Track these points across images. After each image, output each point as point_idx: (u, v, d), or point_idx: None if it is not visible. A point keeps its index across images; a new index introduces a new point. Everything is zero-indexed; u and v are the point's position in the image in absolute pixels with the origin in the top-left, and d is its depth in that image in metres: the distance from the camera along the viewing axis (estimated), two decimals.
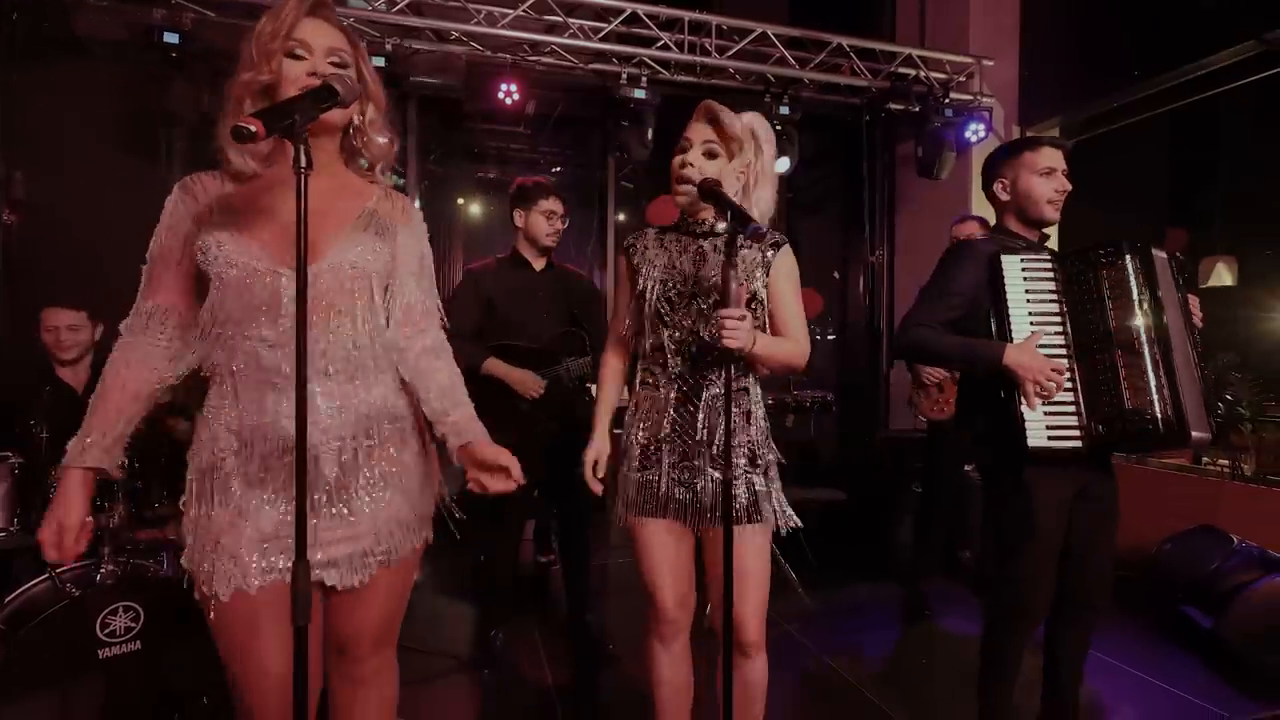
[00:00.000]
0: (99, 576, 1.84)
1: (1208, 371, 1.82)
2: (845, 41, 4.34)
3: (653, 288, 1.54)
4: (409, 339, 1.28)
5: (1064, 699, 1.95)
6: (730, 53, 4.14)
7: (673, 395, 1.52)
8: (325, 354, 1.17)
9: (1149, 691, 2.39)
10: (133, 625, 1.83)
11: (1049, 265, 1.79)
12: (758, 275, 1.54)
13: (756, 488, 1.52)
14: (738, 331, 1.33)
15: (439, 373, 1.30)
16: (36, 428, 1.92)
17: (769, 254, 1.55)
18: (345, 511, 1.20)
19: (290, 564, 1.05)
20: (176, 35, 3.24)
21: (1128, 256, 1.71)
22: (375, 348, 1.22)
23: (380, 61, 3.44)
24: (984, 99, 4.73)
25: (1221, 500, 3.22)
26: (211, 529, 1.16)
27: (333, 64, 1.18)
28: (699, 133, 1.51)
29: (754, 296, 1.53)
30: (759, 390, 1.59)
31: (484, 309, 2.47)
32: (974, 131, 4.63)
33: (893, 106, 4.67)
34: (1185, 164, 5.14)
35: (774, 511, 1.54)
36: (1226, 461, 3.40)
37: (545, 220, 2.50)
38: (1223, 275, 4.40)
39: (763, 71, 4.24)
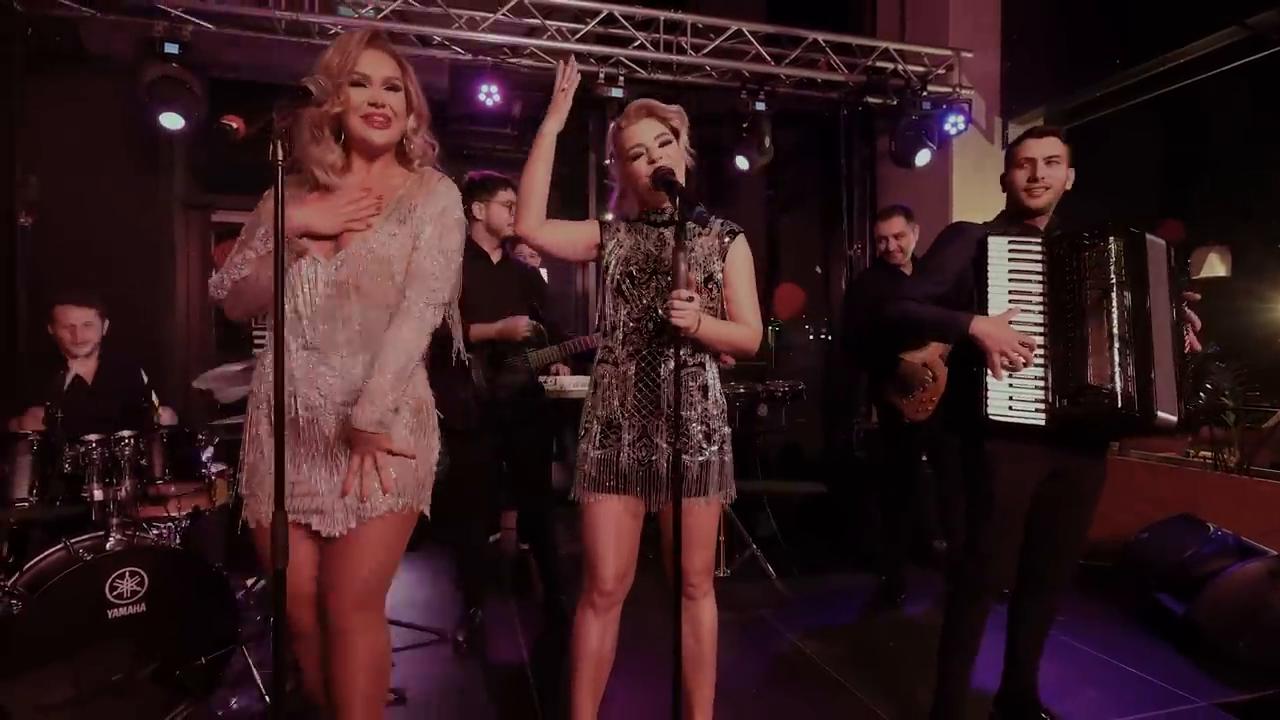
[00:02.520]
0: (108, 545, 2.05)
1: (1189, 361, 1.82)
2: (821, 37, 4.46)
3: (615, 264, 1.64)
4: (408, 299, 1.41)
5: (1023, 674, 2.03)
6: (706, 50, 4.28)
7: (632, 371, 1.61)
8: (339, 330, 1.38)
9: (1117, 675, 2.42)
10: (138, 589, 2.04)
11: (1038, 247, 1.81)
12: (715, 262, 1.66)
13: (710, 460, 1.63)
14: (685, 311, 1.45)
15: (388, 339, 1.40)
16: (52, 409, 2.14)
17: (725, 241, 1.66)
18: (336, 467, 1.39)
19: (301, 505, 1.38)
20: (177, 46, 3.44)
21: (1111, 239, 1.73)
22: (387, 324, 1.40)
23: None
24: (963, 91, 4.83)
25: (1204, 491, 3.24)
26: (252, 472, 1.44)
27: (387, 90, 1.40)
28: (649, 128, 1.61)
29: (710, 278, 1.64)
30: (715, 367, 1.69)
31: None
32: (953, 124, 4.73)
33: (870, 100, 4.78)
34: (1177, 154, 5.20)
35: (721, 484, 1.65)
36: (1210, 454, 3.42)
37: (506, 210, 2.60)
38: (1215, 265, 4.41)
39: (739, 69, 4.38)
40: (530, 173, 1.63)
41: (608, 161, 1.75)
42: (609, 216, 1.77)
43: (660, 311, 1.58)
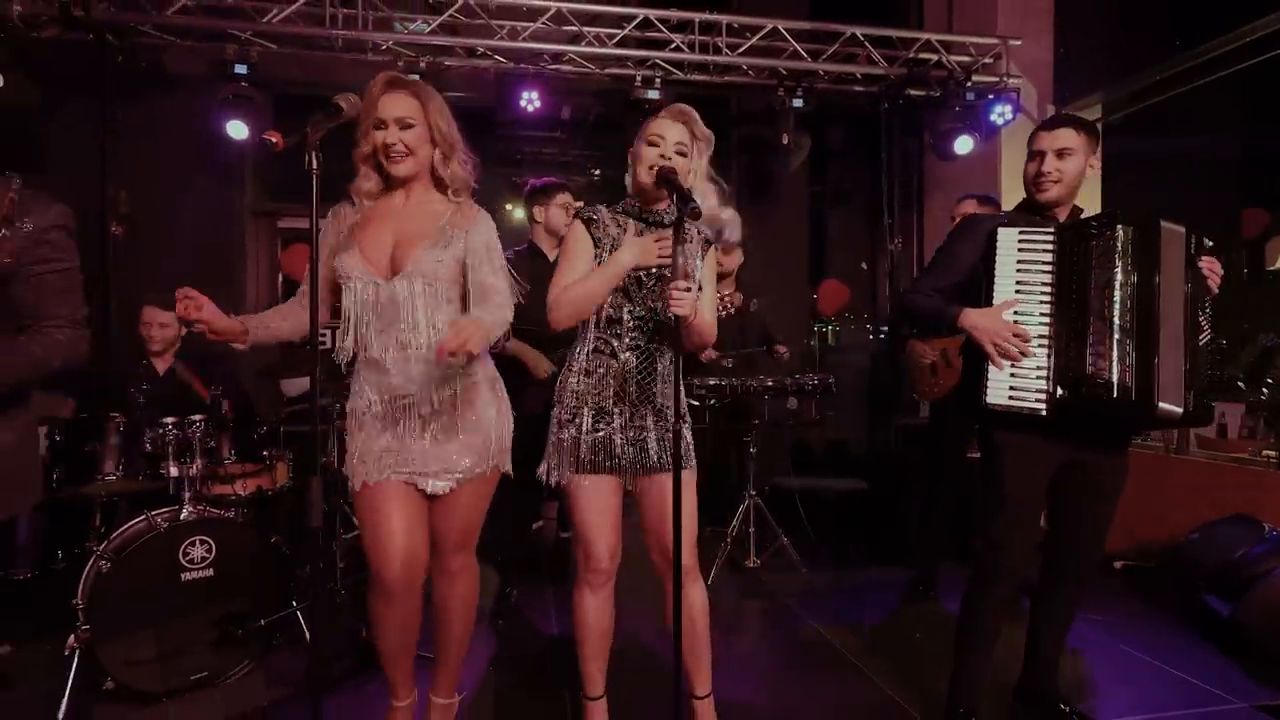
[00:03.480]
0: (182, 515, 2.28)
1: (1210, 348, 1.77)
2: (859, 31, 4.44)
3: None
4: (482, 307, 1.66)
5: (1043, 667, 2.03)
6: (742, 50, 4.32)
7: (633, 362, 1.72)
8: (412, 336, 1.64)
9: (1153, 674, 2.38)
10: (207, 555, 2.27)
11: (1049, 238, 1.80)
12: (698, 264, 1.77)
13: (688, 438, 1.73)
14: (684, 300, 1.54)
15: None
16: (135, 395, 2.40)
17: (704, 250, 1.80)
18: (435, 441, 1.68)
19: (394, 472, 1.67)
20: (245, 67, 3.75)
21: (1119, 228, 1.72)
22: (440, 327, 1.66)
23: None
24: (1010, 80, 4.72)
25: (1267, 491, 3.06)
26: (354, 445, 1.71)
27: (402, 128, 1.61)
28: (673, 132, 1.69)
29: (691, 278, 1.73)
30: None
31: None
32: (1000, 114, 4.62)
33: (913, 93, 4.73)
34: (1260, 139, 4.92)
35: (692, 457, 1.75)
36: (1274, 452, 3.25)
37: (563, 212, 2.83)
38: None
39: (775, 66, 4.41)
40: (594, 292, 1.68)
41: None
42: (591, 212, 1.80)
43: (661, 311, 1.69)
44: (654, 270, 1.73)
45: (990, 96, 4.61)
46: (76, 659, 2.04)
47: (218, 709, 2.12)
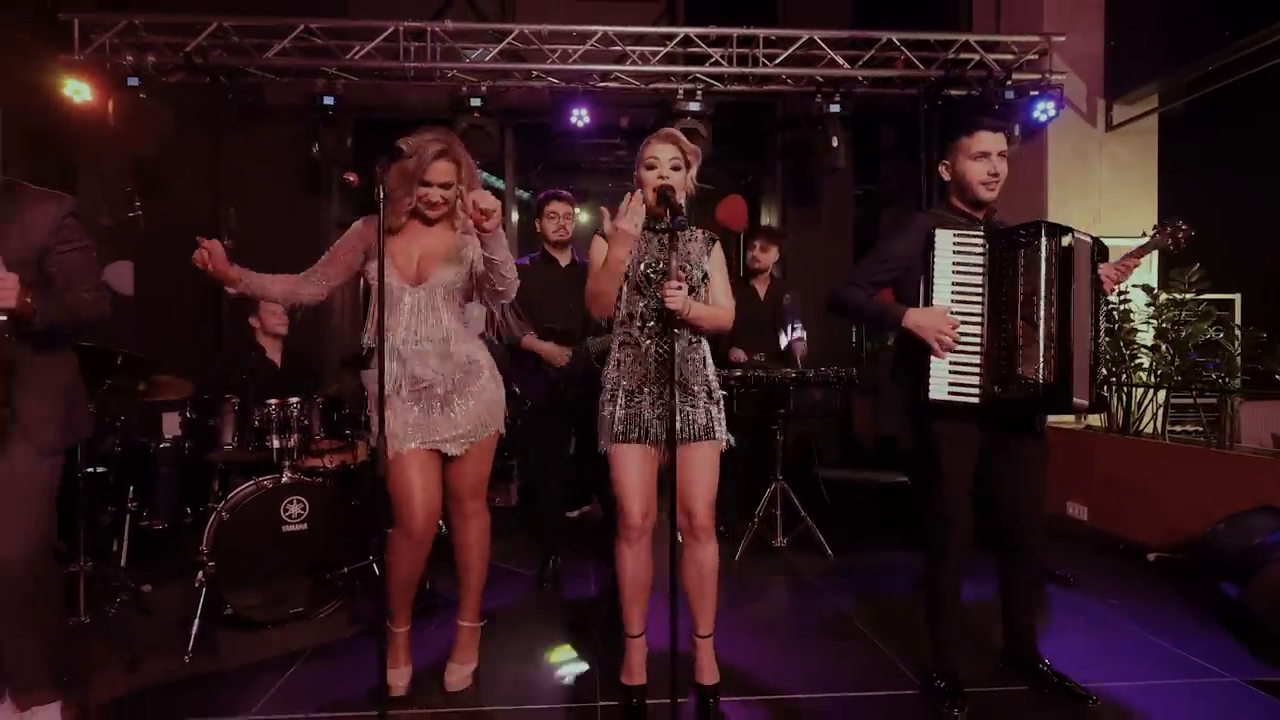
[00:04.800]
0: (283, 479, 2.75)
1: (1101, 345, 2.02)
2: (895, 36, 4.59)
3: (634, 265, 2.05)
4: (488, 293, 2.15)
5: (1019, 633, 2.22)
6: (779, 60, 4.55)
7: (652, 349, 2.02)
8: (432, 333, 2.07)
9: (1154, 651, 2.47)
10: (302, 512, 2.73)
11: (980, 241, 1.99)
12: (704, 260, 2.08)
13: (712, 414, 2.04)
14: (676, 296, 1.84)
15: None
16: (248, 380, 2.90)
17: (709, 246, 2.10)
18: (450, 414, 2.10)
19: (421, 440, 2.08)
20: (332, 98, 4.30)
21: (1044, 239, 1.90)
22: (460, 328, 2.13)
23: (477, 101, 4.30)
24: (1054, 76, 4.74)
25: None
26: (390, 420, 2.06)
27: (442, 188, 2.04)
28: (665, 152, 2.00)
29: (705, 275, 2.06)
30: (707, 345, 2.11)
31: (522, 299, 3.18)
32: (1043, 110, 4.66)
33: (953, 93, 4.82)
34: None
35: (720, 431, 2.05)
36: None
37: (550, 222, 3.17)
38: None
39: (812, 75, 4.61)
40: (598, 280, 2.01)
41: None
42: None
43: (657, 299, 1.97)
44: (660, 269, 2.02)
45: (1032, 94, 4.65)
46: (203, 593, 2.53)
47: (310, 638, 2.57)
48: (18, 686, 1.81)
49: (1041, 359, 1.90)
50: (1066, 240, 1.92)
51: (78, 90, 3.99)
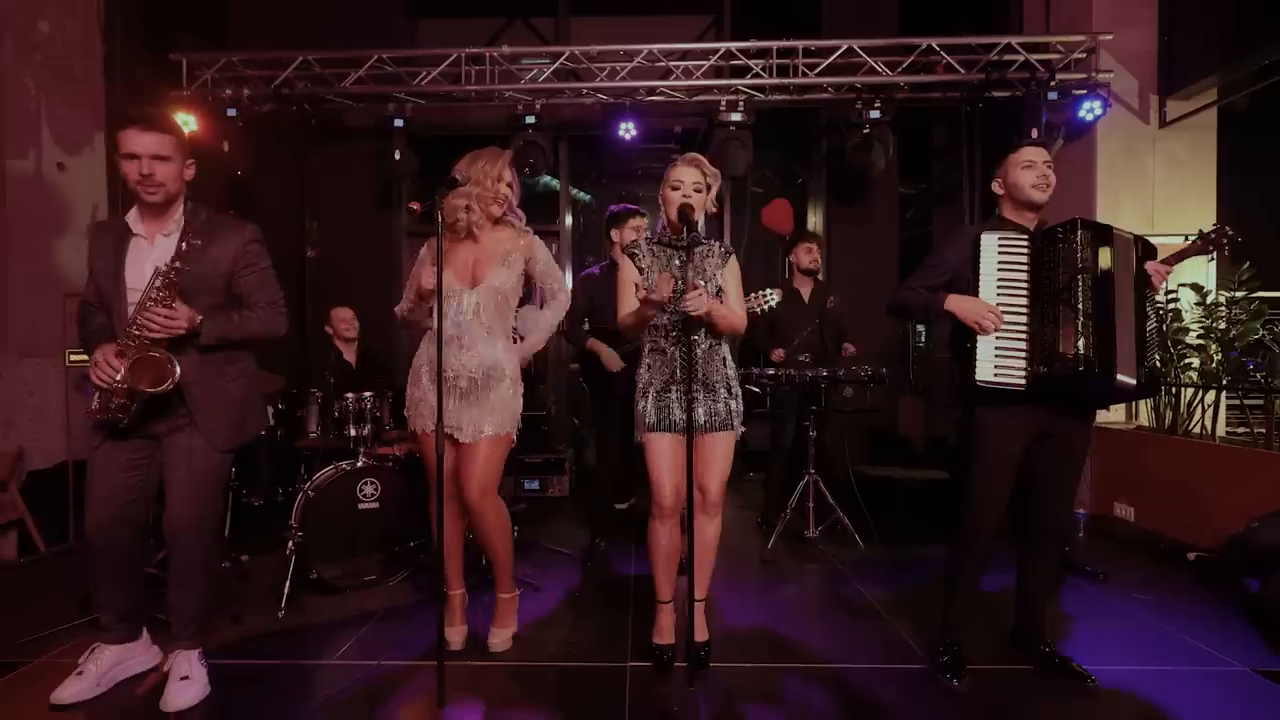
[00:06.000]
0: (359, 464, 3.13)
1: (1150, 334, 2.07)
2: (935, 42, 4.66)
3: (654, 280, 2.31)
4: (549, 306, 2.47)
5: (1030, 612, 2.35)
6: (819, 70, 4.70)
7: (678, 353, 2.30)
8: (470, 332, 2.29)
9: (1168, 640, 2.54)
10: (374, 493, 3.10)
11: (1025, 241, 2.14)
12: (719, 272, 2.31)
13: (732, 408, 2.30)
14: (697, 302, 2.07)
15: (538, 317, 2.48)
16: (328, 376, 3.30)
17: (725, 259, 2.34)
18: (468, 405, 2.30)
19: (449, 425, 2.31)
20: (401, 120, 4.72)
21: (1079, 232, 2.03)
22: (497, 328, 2.33)
23: (531, 119, 4.64)
24: (1101, 75, 4.70)
25: None
26: (415, 404, 2.38)
27: (504, 185, 2.35)
28: (689, 175, 2.26)
29: (719, 288, 2.30)
30: (727, 346, 2.35)
31: (589, 303, 3.48)
32: (1089, 109, 4.64)
33: (998, 95, 4.83)
34: None
35: (737, 423, 2.30)
36: None
37: (635, 234, 3.41)
38: None
39: (852, 83, 4.72)
40: (637, 321, 2.26)
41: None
42: (634, 248, 2.38)
43: (679, 306, 2.19)
44: (679, 289, 2.24)
45: (1079, 93, 4.62)
46: (293, 561, 2.92)
47: (381, 602, 2.92)
48: (172, 634, 2.17)
49: (1080, 335, 2.00)
50: (1102, 231, 2.05)
51: (186, 121, 4.53)
